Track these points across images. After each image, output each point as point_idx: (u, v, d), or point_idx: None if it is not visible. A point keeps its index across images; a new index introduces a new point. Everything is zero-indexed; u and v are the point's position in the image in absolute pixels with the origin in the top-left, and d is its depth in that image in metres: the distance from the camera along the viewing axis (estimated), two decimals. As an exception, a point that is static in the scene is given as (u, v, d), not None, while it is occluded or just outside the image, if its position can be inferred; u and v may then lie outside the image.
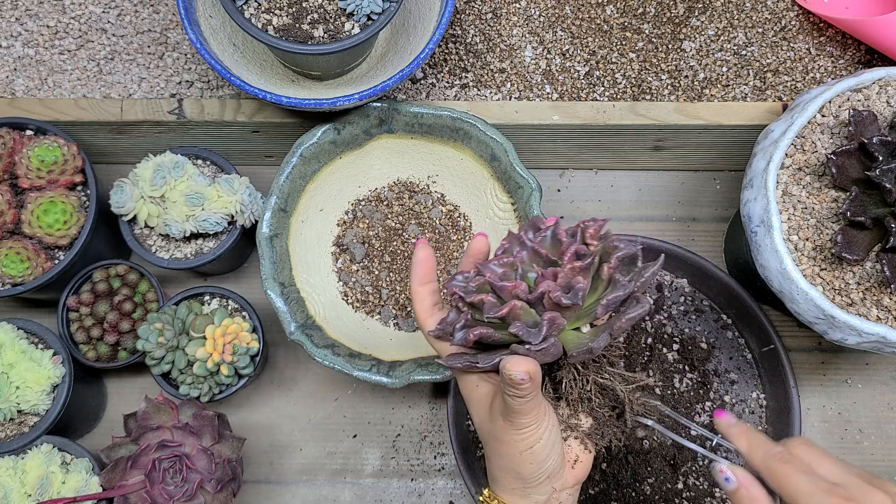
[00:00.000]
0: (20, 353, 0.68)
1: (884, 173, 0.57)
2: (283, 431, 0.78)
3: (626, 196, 0.84)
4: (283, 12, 0.65)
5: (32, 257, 0.69)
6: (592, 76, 0.80)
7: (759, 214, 0.62)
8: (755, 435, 0.48)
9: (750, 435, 0.48)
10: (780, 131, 0.64)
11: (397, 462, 0.77)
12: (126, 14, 0.81)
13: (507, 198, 0.73)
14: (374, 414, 0.78)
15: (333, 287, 0.75)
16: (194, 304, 0.71)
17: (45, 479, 0.65)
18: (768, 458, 0.46)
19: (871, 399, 0.78)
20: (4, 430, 0.68)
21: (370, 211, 0.77)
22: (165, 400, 0.65)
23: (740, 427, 0.49)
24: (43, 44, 0.80)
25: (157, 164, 0.71)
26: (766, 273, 0.63)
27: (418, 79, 0.79)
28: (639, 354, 0.75)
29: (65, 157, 0.70)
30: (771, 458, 0.46)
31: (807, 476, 0.44)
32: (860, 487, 0.44)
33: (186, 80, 0.79)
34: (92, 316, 0.72)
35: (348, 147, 0.74)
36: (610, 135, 0.77)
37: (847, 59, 0.80)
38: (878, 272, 0.60)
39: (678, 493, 0.72)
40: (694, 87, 0.79)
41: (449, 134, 0.73)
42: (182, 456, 0.61)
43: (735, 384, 0.76)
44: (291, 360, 0.79)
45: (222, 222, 0.72)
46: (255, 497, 0.76)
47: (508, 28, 0.81)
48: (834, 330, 0.60)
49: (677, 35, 0.81)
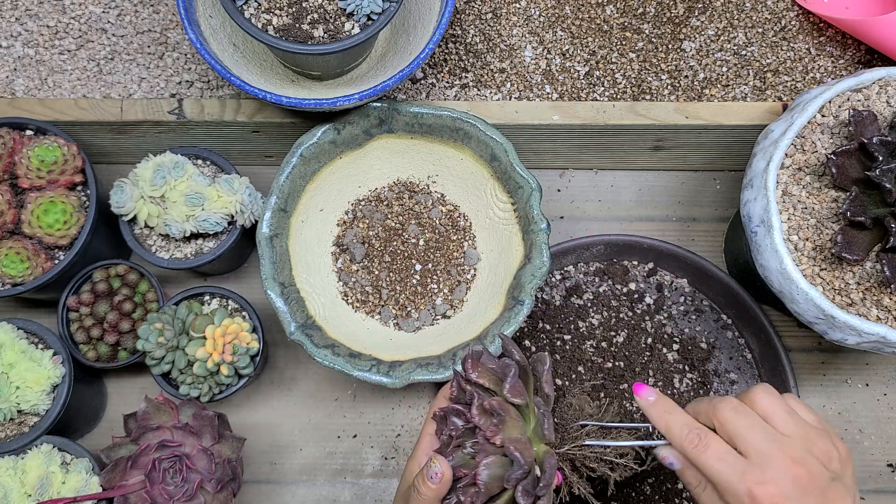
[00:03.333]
0: (20, 353, 0.68)
1: (884, 173, 0.57)
2: (283, 431, 0.78)
3: (626, 196, 0.84)
4: (283, 12, 0.65)
5: (32, 257, 0.69)
6: (592, 76, 0.80)
7: (759, 214, 0.62)
8: (674, 415, 0.49)
9: (668, 416, 0.49)
10: (780, 131, 0.64)
11: (397, 462, 0.77)
12: (126, 14, 0.81)
13: (507, 198, 0.73)
14: (374, 414, 0.78)
15: (333, 287, 0.75)
16: (194, 304, 0.71)
17: (45, 479, 0.65)
18: (684, 443, 0.47)
19: (871, 399, 0.78)
20: (4, 430, 0.68)
21: (370, 211, 0.77)
22: (165, 400, 0.65)
23: (659, 406, 0.49)
24: (43, 44, 0.80)
25: (157, 164, 0.71)
26: (766, 273, 0.63)
27: (418, 79, 0.79)
28: (639, 354, 0.75)
29: (65, 157, 0.70)
30: (686, 444, 0.47)
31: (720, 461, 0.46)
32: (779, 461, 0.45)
33: (186, 80, 0.79)
34: (92, 316, 0.72)
35: (348, 147, 0.74)
36: (610, 135, 0.77)
37: (847, 59, 0.80)
38: (878, 272, 0.60)
39: (678, 493, 0.72)
40: (694, 87, 0.79)
41: (449, 134, 0.73)
42: (182, 456, 0.61)
43: (735, 384, 0.76)
44: (291, 360, 0.79)
45: (222, 222, 0.72)
46: (255, 497, 0.76)
47: (508, 28, 0.81)
48: (834, 330, 0.60)
49: (677, 35, 0.81)
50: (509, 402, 0.50)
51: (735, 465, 0.45)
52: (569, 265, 0.79)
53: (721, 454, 0.46)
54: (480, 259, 0.76)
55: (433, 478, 0.48)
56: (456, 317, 0.74)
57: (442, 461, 0.49)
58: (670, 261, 0.78)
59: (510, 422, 0.49)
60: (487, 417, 0.49)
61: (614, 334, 0.76)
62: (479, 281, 0.75)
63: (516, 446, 0.48)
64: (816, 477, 0.45)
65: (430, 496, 0.49)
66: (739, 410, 0.47)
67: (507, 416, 0.49)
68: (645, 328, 0.76)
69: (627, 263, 0.80)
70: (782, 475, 0.45)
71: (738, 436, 0.46)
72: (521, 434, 0.49)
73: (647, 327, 0.77)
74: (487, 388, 0.50)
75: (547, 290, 0.78)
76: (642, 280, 0.79)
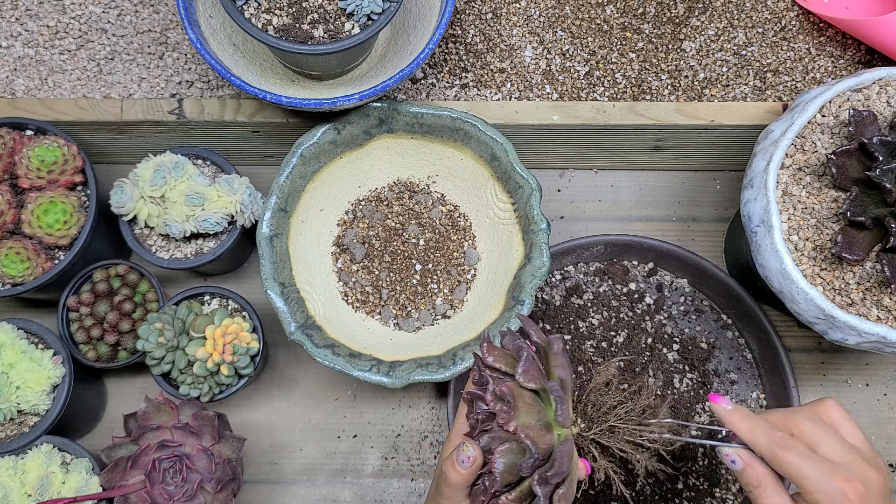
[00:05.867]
0: (20, 353, 0.68)
1: (884, 173, 0.57)
2: (283, 431, 0.78)
3: (626, 196, 0.84)
4: (283, 12, 0.65)
5: (32, 257, 0.69)
6: (592, 76, 0.80)
7: (759, 214, 0.62)
8: (755, 421, 0.49)
9: (750, 422, 0.49)
10: (781, 131, 0.64)
11: (397, 462, 0.77)
12: (126, 14, 0.81)
13: (507, 198, 0.73)
14: (374, 414, 0.78)
15: (333, 287, 0.75)
16: (194, 304, 0.71)
17: (45, 479, 0.65)
18: (771, 445, 0.48)
19: (871, 399, 0.78)
20: (4, 430, 0.68)
21: (370, 211, 0.77)
22: (165, 400, 0.65)
23: (738, 413, 0.50)
24: (43, 44, 0.80)
25: (157, 164, 0.71)
26: (766, 273, 0.63)
27: (418, 79, 0.79)
28: (639, 354, 0.75)
29: (65, 157, 0.70)
30: (773, 445, 0.48)
31: (809, 460, 0.46)
32: (862, 468, 0.46)
33: (186, 80, 0.79)
34: (92, 316, 0.72)
35: (348, 147, 0.74)
36: (610, 135, 0.77)
37: (847, 59, 0.80)
38: (878, 272, 0.60)
39: (678, 493, 0.72)
40: (694, 87, 0.79)
41: (449, 134, 0.73)
42: (182, 456, 0.61)
43: (735, 384, 0.76)
44: (291, 360, 0.79)
45: (222, 222, 0.72)
46: (255, 497, 0.76)
47: (508, 28, 0.81)
48: (834, 330, 0.60)
49: (677, 35, 0.81)
50: (523, 386, 0.48)
51: (824, 465, 0.46)
52: (569, 265, 0.79)
53: (808, 454, 0.47)
54: (480, 259, 0.76)
55: (464, 462, 0.47)
56: (456, 317, 0.74)
57: (474, 445, 0.48)
58: (670, 261, 0.78)
59: (524, 407, 0.47)
60: (500, 403, 0.47)
61: (614, 334, 0.76)
62: (479, 281, 0.75)
63: (528, 433, 0.46)
64: (887, 485, 0.48)
65: (459, 482, 0.48)
66: (816, 421, 0.49)
67: (520, 401, 0.47)
68: (645, 328, 0.76)
69: (627, 263, 0.80)
70: (867, 478, 0.46)
71: (819, 442, 0.48)
72: (537, 420, 0.47)
73: (647, 327, 0.77)
74: (504, 372, 0.49)
75: (547, 290, 0.78)
76: (642, 280, 0.79)
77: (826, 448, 0.47)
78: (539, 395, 0.49)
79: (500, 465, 0.46)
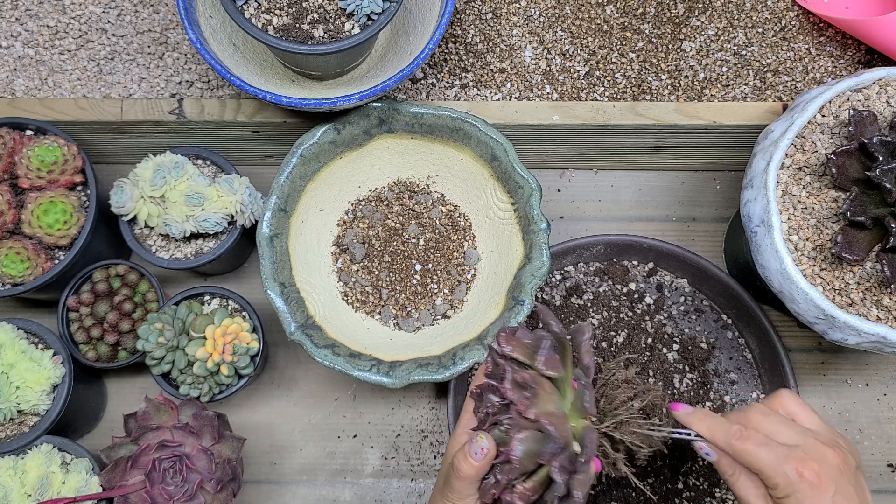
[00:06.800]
0: (20, 353, 0.68)
1: (884, 173, 0.57)
2: (283, 431, 0.78)
3: (626, 196, 0.84)
4: (283, 12, 0.65)
5: (32, 257, 0.69)
6: (592, 76, 0.80)
7: (759, 214, 0.62)
8: (712, 419, 0.52)
9: (708, 420, 0.52)
10: (780, 131, 0.64)
11: (397, 462, 0.77)
12: (126, 14, 0.81)
13: (507, 198, 0.73)
14: (374, 414, 0.78)
15: (333, 287, 0.75)
16: (194, 304, 0.71)
17: (45, 479, 0.65)
18: (728, 438, 0.50)
19: (871, 399, 0.78)
20: (4, 430, 0.68)
21: (370, 211, 0.77)
22: (165, 400, 0.65)
23: (697, 415, 0.53)
24: (43, 44, 0.80)
25: (157, 164, 0.71)
26: (766, 273, 0.63)
27: (418, 79, 0.79)
28: (639, 354, 0.75)
29: (65, 157, 0.70)
30: (730, 438, 0.50)
31: (765, 447, 0.48)
32: (815, 447, 0.48)
33: (186, 80, 0.79)
34: (92, 316, 0.72)
35: (348, 147, 0.74)
36: (610, 135, 0.77)
37: (847, 59, 0.80)
38: (878, 272, 0.60)
39: (678, 493, 0.72)
40: (694, 87, 0.79)
41: (449, 134, 0.73)
42: (182, 456, 0.61)
43: (735, 384, 0.76)
44: (291, 360, 0.79)
45: (222, 222, 0.72)
46: (255, 497, 0.76)
47: (508, 28, 0.81)
48: (834, 330, 0.60)
49: (677, 35, 0.81)
50: (543, 374, 0.48)
51: (778, 449, 0.48)
52: (569, 265, 0.79)
53: (764, 441, 0.49)
54: (480, 259, 0.76)
55: (477, 454, 0.47)
56: (456, 317, 0.74)
57: (487, 437, 0.47)
58: (670, 261, 0.78)
59: (544, 395, 0.47)
60: (520, 391, 0.47)
61: (614, 334, 0.76)
62: (479, 281, 0.75)
63: (550, 420, 0.46)
64: (848, 461, 0.49)
65: (472, 474, 0.48)
66: (769, 413, 0.51)
67: (540, 389, 0.47)
68: (645, 328, 0.76)
69: (627, 263, 0.80)
70: (822, 457, 0.48)
71: (775, 431, 0.50)
72: (556, 408, 0.47)
73: (647, 327, 0.77)
74: (522, 363, 0.48)
75: (547, 290, 0.78)
76: (642, 280, 0.79)
77: (782, 436, 0.49)
78: (556, 384, 0.49)
79: (519, 452, 0.46)
